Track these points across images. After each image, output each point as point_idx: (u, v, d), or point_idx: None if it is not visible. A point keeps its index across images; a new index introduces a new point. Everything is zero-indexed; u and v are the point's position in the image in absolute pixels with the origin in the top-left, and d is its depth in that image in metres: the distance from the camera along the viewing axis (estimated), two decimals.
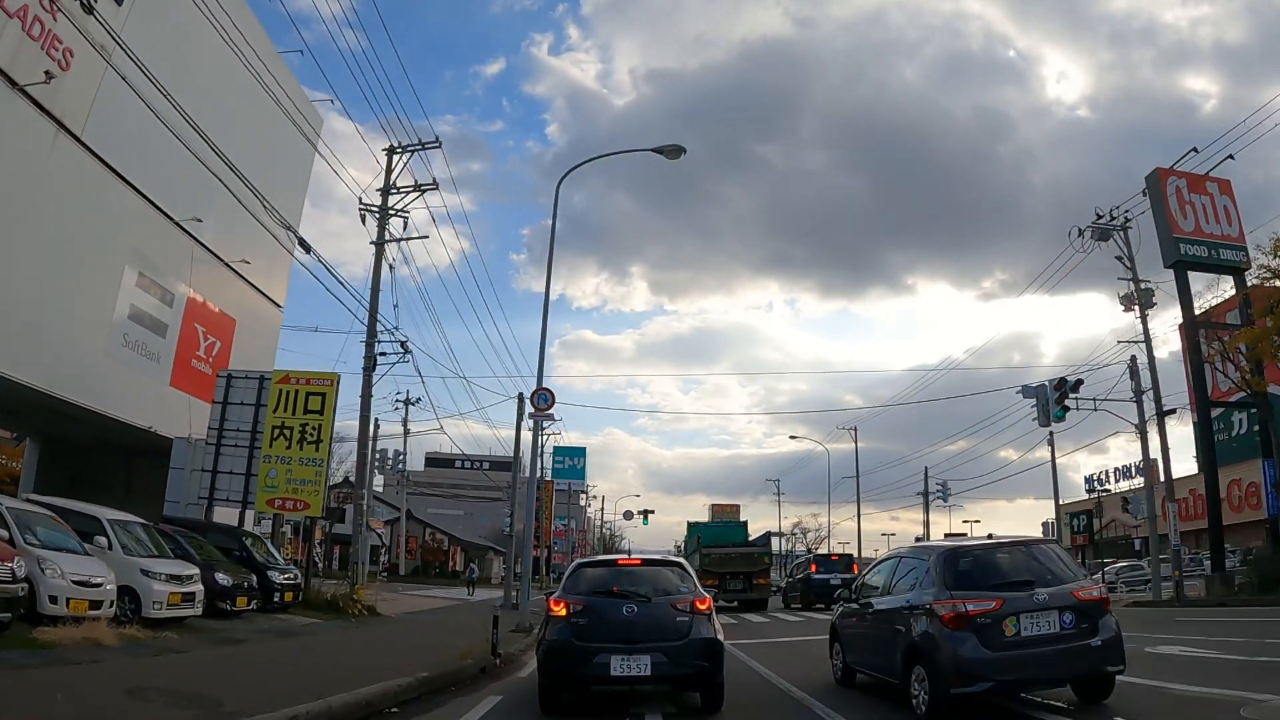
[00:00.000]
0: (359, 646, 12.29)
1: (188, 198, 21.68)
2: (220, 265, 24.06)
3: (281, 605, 16.40)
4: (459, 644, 11.83)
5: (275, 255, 25.47)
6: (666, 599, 6.99)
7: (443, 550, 49.11)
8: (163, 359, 22.22)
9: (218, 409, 19.91)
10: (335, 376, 19.15)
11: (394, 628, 16.01)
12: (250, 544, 17.32)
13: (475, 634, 14.42)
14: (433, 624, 17.08)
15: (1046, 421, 20.73)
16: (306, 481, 18.62)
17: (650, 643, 6.57)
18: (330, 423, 18.83)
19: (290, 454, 18.85)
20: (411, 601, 24.81)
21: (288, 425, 19.08)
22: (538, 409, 16.74)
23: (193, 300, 23.20)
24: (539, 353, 17.10)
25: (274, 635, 13.07)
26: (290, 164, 26.59)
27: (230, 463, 19.55)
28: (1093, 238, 26.70)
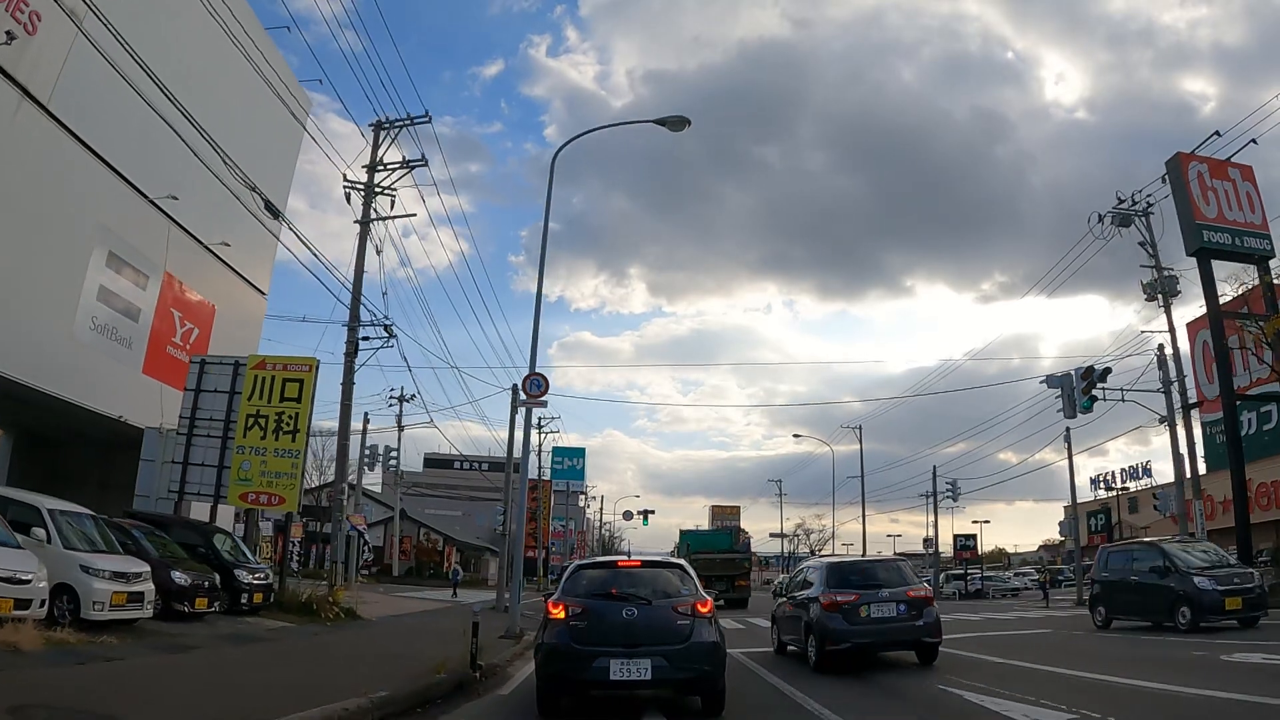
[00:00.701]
0: (321, 655, 10.85)
1: (164, 175, 20.28)
2: (199, 248, 22.64)
3: (250, 607, 14.95)
4: (437, 653, 10.40)
5: (259, 240, 24.08)
6: (667, 601, 6.80)
7: (437, 551, 47.60)
8: (135, 345, 20.78)
9: (190, 397, 18.50)
10: (314, 362, 17.73)
11: (370, 633, 14.55)
12: (218, 540, 15.88)
13: (459, 641, 13.06)
14: (414, 629, 15.62)
15: (1073, 413, 19.32)
16: (282, 474, 17.19)
17: (651, 646, 6.37)
18: (308, 411, 17.41)
19: (265, 444, 17.43)
20: (397, 604, 23.33)
21: (263, 414, 17.66)
22: (530, 395, 15.34)
23: (169, 284, 21.76)
24: (532, 333, 15.71)
25: (231, 641, 11.62)
26: (277, 145, 25.23)
27: (202, 454, 18.12)
28: (1113, 224, 25.34)
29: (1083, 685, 8.22)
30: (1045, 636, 14.46)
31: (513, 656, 11.42)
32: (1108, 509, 30.46)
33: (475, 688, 8.59)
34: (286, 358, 18.09)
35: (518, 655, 11.66)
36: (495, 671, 9.76)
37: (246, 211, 19.19)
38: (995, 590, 38.25)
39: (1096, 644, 13.07)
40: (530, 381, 15.34)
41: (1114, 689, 7.93)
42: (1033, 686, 7.96)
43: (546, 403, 15.38)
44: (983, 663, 10.33)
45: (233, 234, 23.25)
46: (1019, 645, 12.57)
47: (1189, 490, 22.54)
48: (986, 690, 7.81)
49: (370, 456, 32.53)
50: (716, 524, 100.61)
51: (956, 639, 13.69)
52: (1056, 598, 31.14)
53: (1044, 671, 9.32)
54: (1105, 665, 9.60)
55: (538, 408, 15.52)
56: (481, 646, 10.46)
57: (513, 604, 14.79)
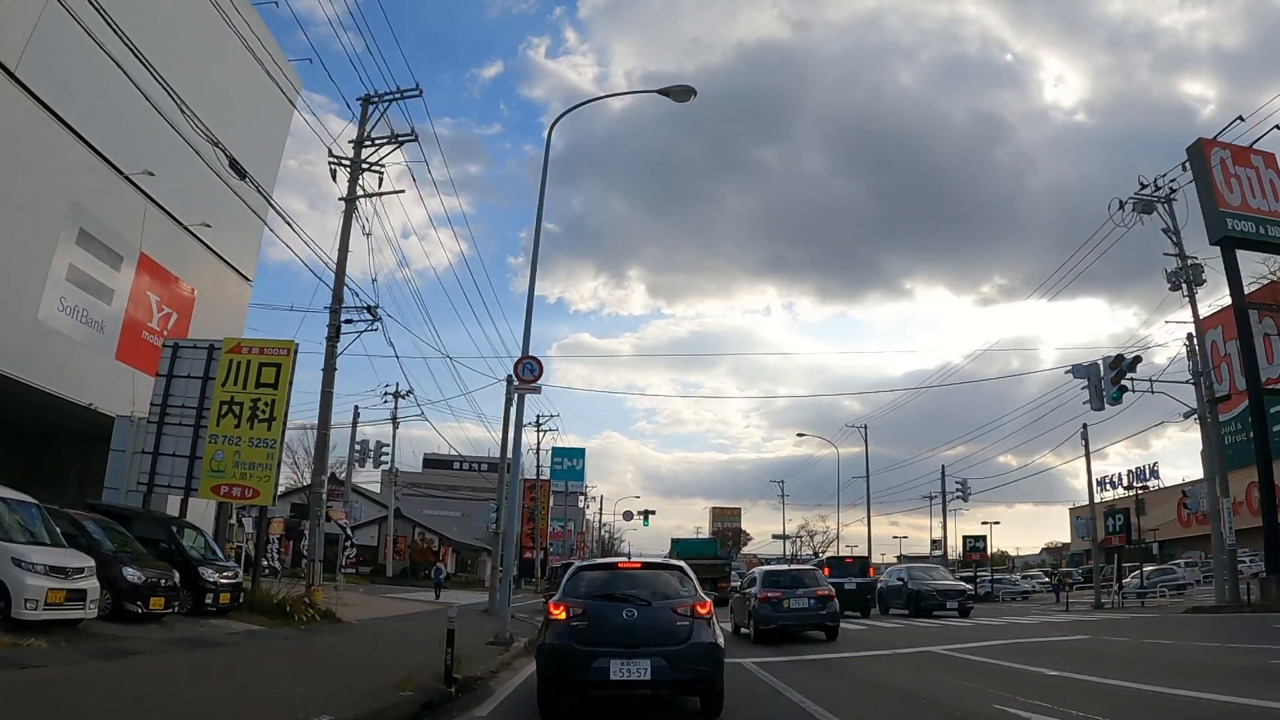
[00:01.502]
0: (276, 664, 9.51)
1: (141, 151, 19.03)
2: (178, 230, 21.37)
3: (217, 609, 13.60)
4: (412, 662, 9.09)
5: (244, 224, 22.80)
6: (667, 603, 6.76)
7: (432, 551, 46.18)
8: (107, 328, 19.47)
9: (161, 383, 17.18)
10: (292, 345, 16.40)
11: (344, 638, 13.21)
12: (185, 536, 14.54)
13: (441, 648, 11.81)
14: (395, 633, 14.27)
15: (1100, 405, 18.00)
16: (257, 465, 15.84)
17: (650, 647, 6.35)
18: (285, 398, 16.07)
19: (239, 433, 16.09)
20: (383, 606, 21.95)
21: (238, 400, 16.32)
22: (522, 380, 14.01)
23: (145, 265, 20.46)
24: (526, 311, 14.40)
25: (181, 646, 10.28)
26: (265, 125, 24.01)
27: (174, 444, 16.76)
28: (1134, 210, 24.05)
29: (1165, 703, 6.91)
30: (1084, 643, 13.12)
31: (499, 667, 10.08)
32: (1126, 509, 29.10)
33: (447, 707, 7.24)
34: (263, 341, 16.77)
35: (505, 665, 10.32)
36: (474, 686, 8.41)
37: (231, 192, 17.99)
38: (1005, 593, 36.97)
39: (1144, 650, 11.72)
40: (523, 366, 14.01)
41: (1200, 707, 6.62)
42: (1103, 704, 6.65)
43: (540, 389, 14.08)
44: (1031, 674, 9.03)
45: (216, 217, 21.99)
46: (1060, 652, 11.23)
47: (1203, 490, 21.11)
48: (1052, 711, 6.50)
49: (361, 452, 31.22)
50: (717, 525, 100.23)
51: (989, 647, 12.37)
52: (1069, 600, 29.83)
53: (1110, 686, 8.00)
54: (1178, 677, 8.28)
55: (531, 394, 14.20)
56: (463, 656, 9.13)
57: (501, 607, 13.45)
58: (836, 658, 11.40)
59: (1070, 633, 15.17)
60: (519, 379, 14.03)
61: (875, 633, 16.35)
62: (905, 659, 11.23)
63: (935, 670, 9.67)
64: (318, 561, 15.80)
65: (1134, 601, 27.90)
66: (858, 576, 22.40)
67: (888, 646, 12.83)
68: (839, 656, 11.50)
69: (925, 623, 19.29)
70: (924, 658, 11.38)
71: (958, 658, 10.89)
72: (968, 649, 12.10)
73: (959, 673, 9.18)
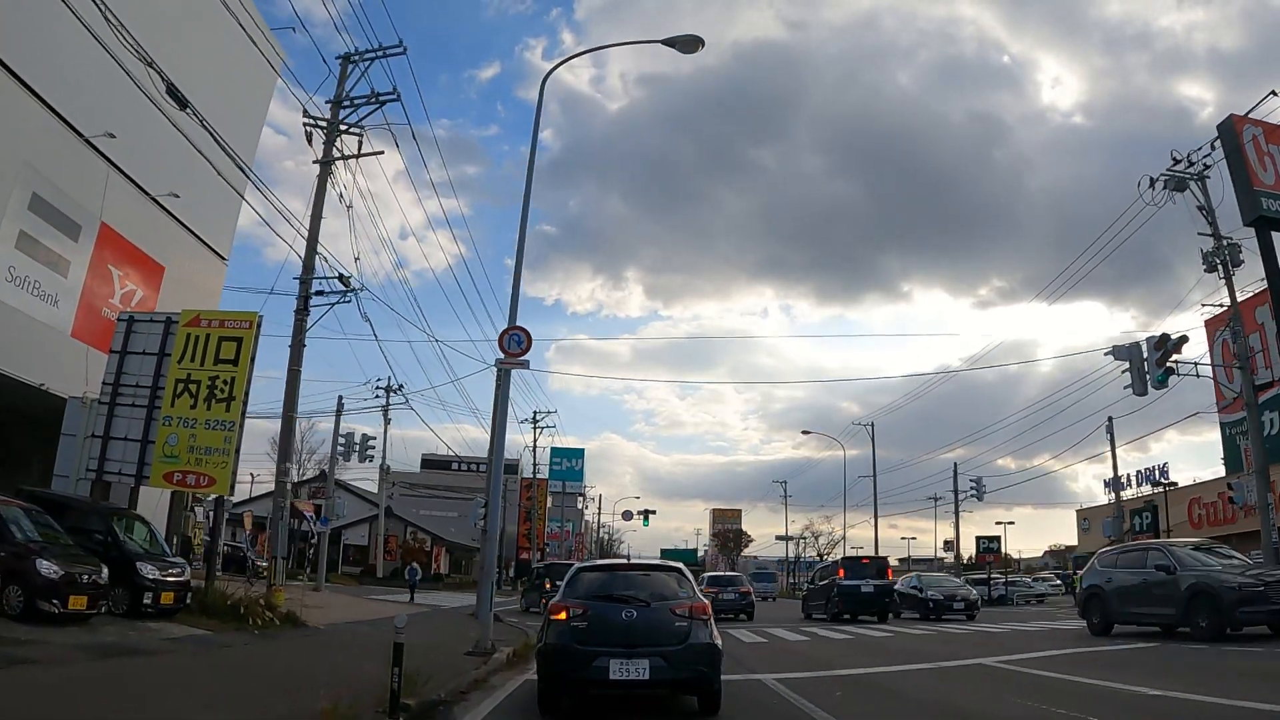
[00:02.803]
0: (193, 681, 7.69)
1: (105, 112, 17.31)
2: (145, 200, 19.59)
3: (158, 609, 11.76)
4: (362, 677, 7.30)
5: (219, 198, 20.98)
6: (665, 604, 6.77)
7: (424, 551, 44.21)
8: (63, 303, 17.67)
9: (114, 360, 15.39)
10: (255, 317, 14.63)
11: (295, 646, 11.36)
12: (129, 528, 12.74)
13: (412, 658, 10.03)
14: (359, 641, 12.42)
15: (1143, 389, 16.23)
16: (213, 450, 14.04)
17: (649, 647, 6.36)
18: (246, 375, 14.29)
19: (195, 414, 14.30)
20: (360, 608, 20.06)
21: (194, 378, 14.53)
22: (508, 354, 12.22)
23: (107, 236, 18.67)
24: (514, 275, 12.64)
25: (92, 655, 8.46)
26: (246, 94, 22.31)
27: (126, 426, 14.98)
28: (1165, 188, 22.25)
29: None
30: (1151, 651, 11.26)
31: (471, 685, 8.24)
32: (1154, 506, 27.32)
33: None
34: (224, 313, 15.04)
35: (479, 683, 8.48)
36: (431, 715, 6.58)
37: (205, 162, 16.21)
38: (1020, 596, 35.17)
39: (1225, 659, 9.89)
40: (509, 337, 12.22)
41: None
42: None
43: (529, 363, 12.27)
44: (1131, 695, 7.20)
45: (189, 190, 20.22)
46: (1136, 664, 9.39)
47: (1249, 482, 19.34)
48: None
49: (346, 445, 29.37)
50: (718, 527, 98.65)
51: (1047, 658, 10.45)
52: None
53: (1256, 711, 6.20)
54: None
55: (519, 369, 12.39)
56: (431, 671, 7.38)
57: (482, 612, 11.60)
58: (875, 673, 9.58)
59: (1121, 639, 13.31)
60: (505, 353, 12.24)
61: (903, 640, 14.50)
62: (955, 675, 9.41)
63: (1006, 691, 7.83)
64: (280, 558, 13.97)
65: None
66: (875, 579, 20.57)
67: (927, 658, 10.98)
68: (877, 671, 9.68)
69: (955, 628, 17.39)
70: (976, 672, 9.56)
71: (1022, 674, 9.07)
72: (1024, 661, 10.27)
73: (1040, 695, 7.34)
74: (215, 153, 13.88)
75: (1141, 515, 27.67)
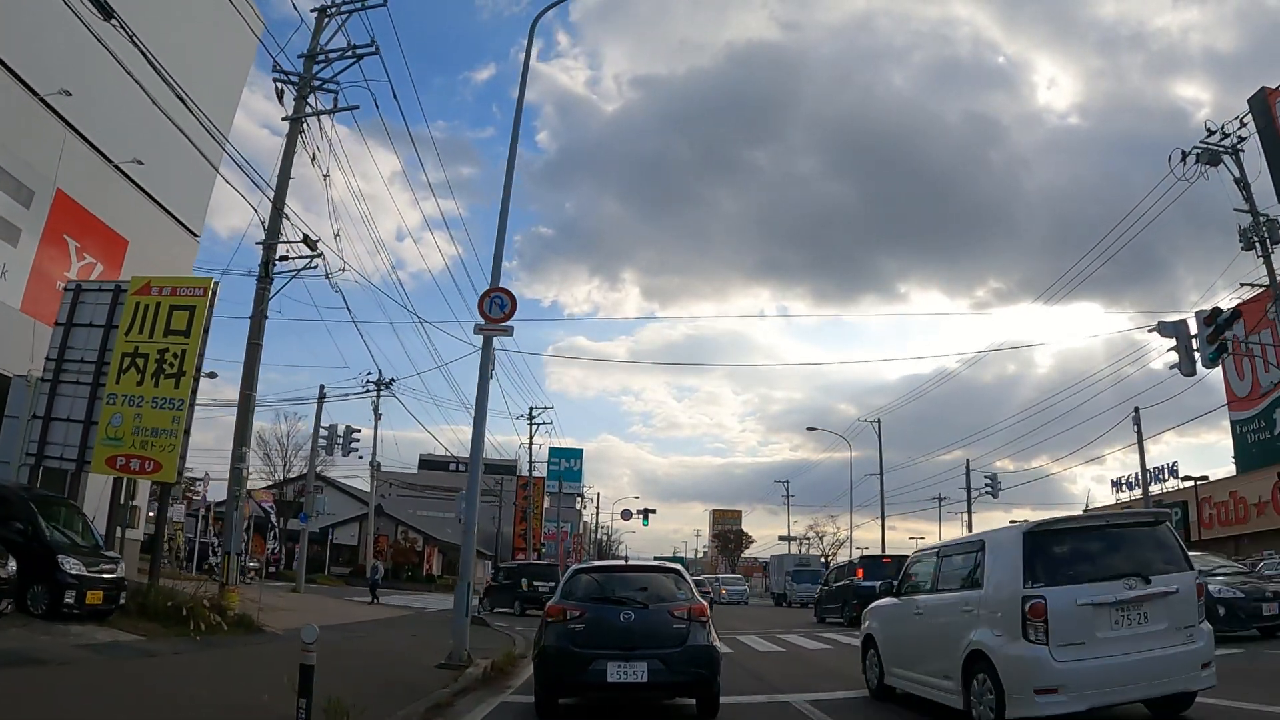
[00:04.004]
0: (62, 708, 5.97)
1: (61, 69, 15.69)
2: (106, 168, 17.93)
3: (82, 610, 10.05)
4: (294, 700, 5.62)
5: (192, 171, 19.31)
6: (663, 606, 6.66)
7: (416, 551, 42.37)
8: (11, 274, 15.95)
9: (59, 333, 13.76)
10: (209, 283, 13.01)
11: (236, 657, 9.63)
12: (57, 517, 11.03)
13: (378, 672, 8.40)
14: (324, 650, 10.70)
15: (1191, 369, 14.53)
16: (160, 431, 12.36)
17: (647, 649, 6.26)
18: (198, 348, 12.61)
19: (142, 392, 12.63)
20: (332, 611, 18.31)
21: (142, 351, 12.88)
22: (490, 319, 10.54)
23: (62, 204, 16.98)
24: (499, 230, 10.97)
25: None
26: (221, 59, 20.67)
27: (69, 406, 13.34)
28: (1198, 162, 20.66)
29: None
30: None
31: (430, 710, 6.52)
32: (1183, 503, 25.60)
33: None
34: (177, 279, 13.44)
35: (441, 708, 6.76)
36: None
37: (174, 128, 14.60)
38: None
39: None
40: (490, 300, 10.55)
41: None
42: None
43: (512, 329, 10.57)
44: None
45: (157, 159, 18.56)
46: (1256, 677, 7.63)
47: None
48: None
49: (329, 438, 27.60)
50: (718, 528, 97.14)
51: None
52: None
53: None
54: None
55: (503, 336, 10.70)
56: (368, 700, 5.69)
57: (457, 618, 9.87)
58: None
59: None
60: (486, 318, 10.55)
61: None
62: None
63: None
64: (234, 554, 12.24)
65: None
66: (895, 579, 18.78)
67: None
68: None
69: None
70: None
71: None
72: None
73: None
74: (186, 119, 12.36)
75: (1171, 511, 25.92)
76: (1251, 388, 43.46)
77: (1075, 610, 5.31)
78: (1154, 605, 5.43)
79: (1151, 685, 5.38)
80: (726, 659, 11.03)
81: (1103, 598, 5.37)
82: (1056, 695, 5.13)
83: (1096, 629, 5.32)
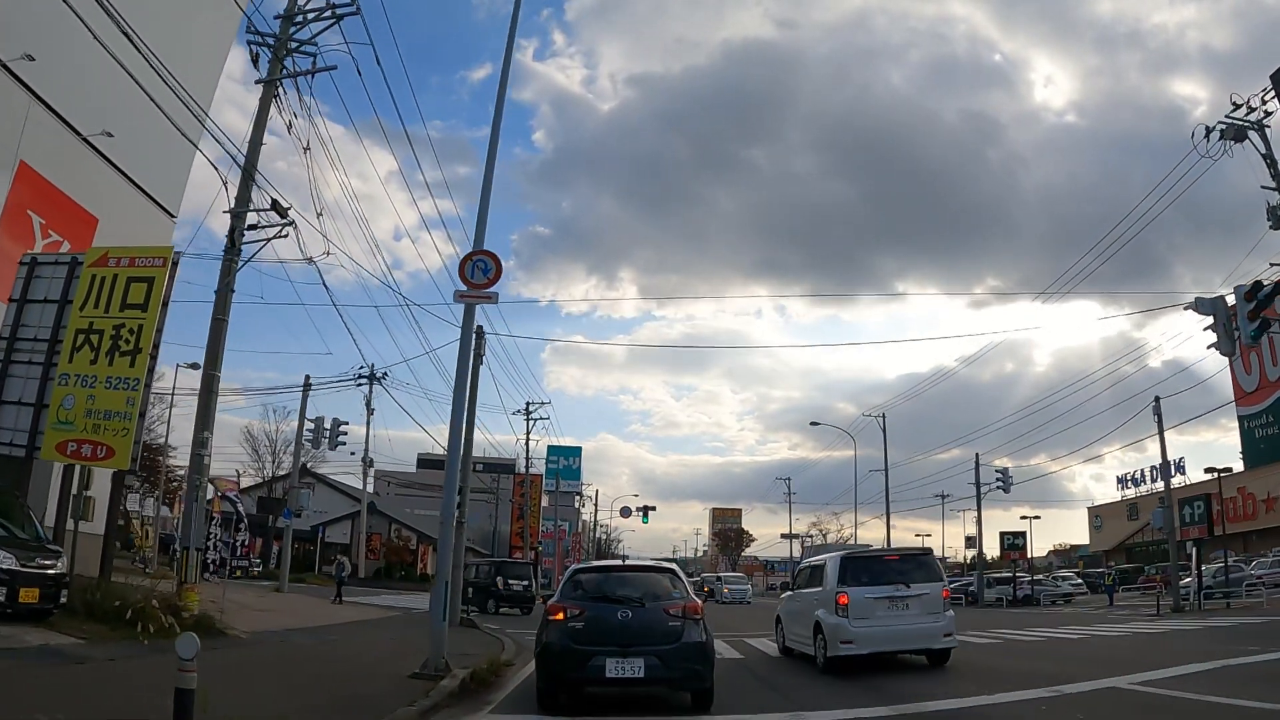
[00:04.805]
0: None
1: (24, 32, 14.55)
2: (75, 141, 16.72)
3: (15, 609, 8.88)
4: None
5: (169, 147, 18.14)
6: (659, 604, 6.83)
7: (409, 550, 41.10)
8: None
9: (13, 310, 12.60)
10: (169, 252, 11.86)
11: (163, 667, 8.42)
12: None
13: (344, 681, 7.28)
14: (276, 658, 9.52)
15: (1231, 348, 13.42)
16: (114, 414, 11.18)
17: (644, 646, 6.46)
18: (155, 323, 11.44)
19: (96, 371, 11.46)
20: (310, 612, 17.08)
21: (97, 327, 11.72)
22: (471, 285, 9.37)
23: (26, 177, 15.77)
24: (483, 187, 9.81)
25: None
26: (200, 30, 19.53)
27: (21, 387, 12.17)
28: (1223, 138, 19.61)
29: None
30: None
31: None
32: (1206, 497, 24.45)
33: None
34: (136, 249, 12.22)
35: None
36: None
37: (147, 99, 13.46)
38: (1046, 596, 32.21)
39: None
40: (472, 264, 9.37)
41: None
42: None
43: (496, 296, 9.39)
44: None
45: (132, 134, 17.40)
46: None
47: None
48: None
49: (315, 431, 26.32)
50: (718, 526, 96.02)
51: (1191, 675, 7.51)
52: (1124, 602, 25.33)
53: None
54: None
55: (486, 303, 9.53)
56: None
57: (434, 621, 8.67)
58: (984, 705, 6.71)
59: (1241, 640, 10.48)
60: (467, 283, 9.38)
61: (971, 653, 11.60)
62: (1083, 702, 6.53)
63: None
64: (194, 549, 11.05)
65: (1217, 602, 23.03)
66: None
67: (1036, 681, 7.99)
68: (985, 704, 6.81)
69: (1020, 635, 14.32)
70: (1109, 698, 6.68)
71: (1187, 700, 6.19)
72: (1164, 681, 7.39)
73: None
74: (162, 91, 11.25)
75: (1193, 505, 24.71)
76: (1259, 382, 42.31)
77: (865, 600, 9.25)
78: (912, 600, 9.31)
79: (906, 643, 9.33)
80: (736, 665, 9.87)
81: (880, 594, 9.31)
82: (852, 645, 9.06)
83: (876, 611, 9.25)
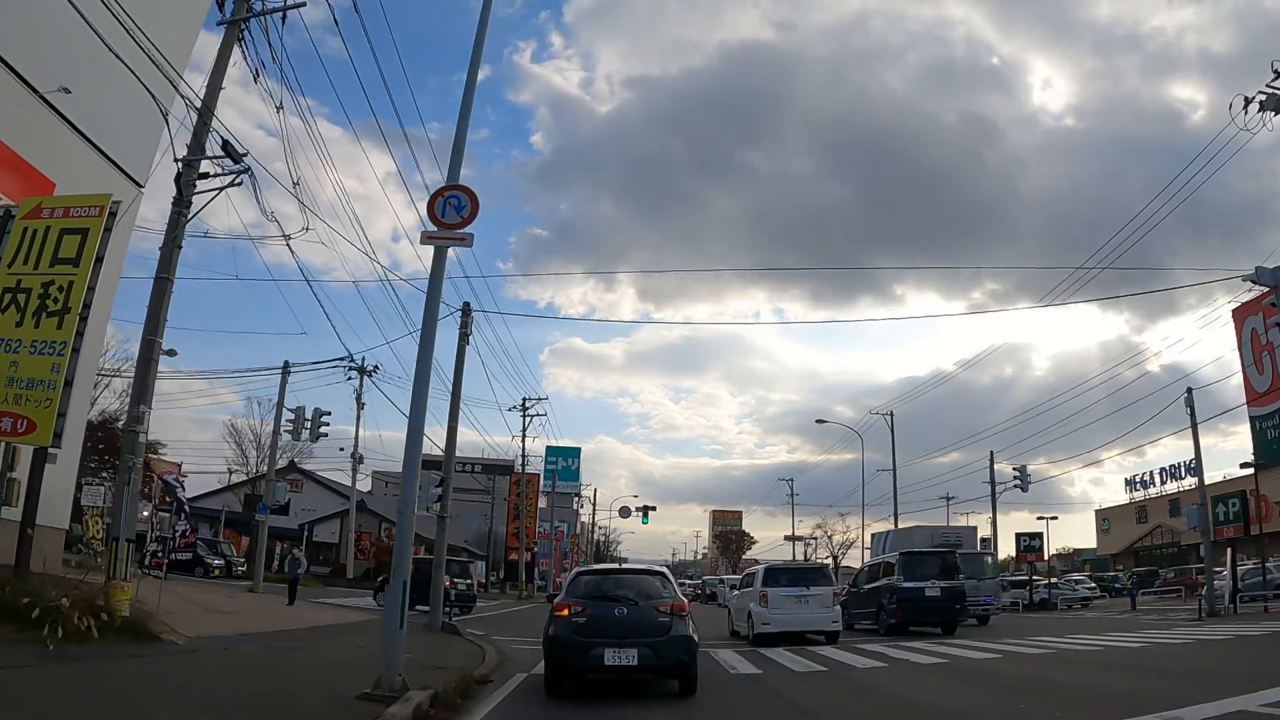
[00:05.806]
0: None
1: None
2: (30, 98, 15.20)
3: None
4: None
5: (137, 110, 16.66)
6: (651, 602, 7.75)
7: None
8: None
9: None
10: (107, 200, 10.32)
11: (80, 675, 6.89)
12: None
13: (278, 704, 5.79)
14: (203, 672, 7.94)
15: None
16: (37, 383, 9.63)
17: (637, 638, 7.36)
18: (87, 280, 9.90)
19: (20, 334, 9.92)
20: (274, 615, 15.45)
21: (25, 285, 10.18)
22: (442, 224, 7.86)
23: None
24: (461, 102, 8.34)
25: None
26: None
27: None
28: (1262, 110, 18.18)
29: None
30: None
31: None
32: (1242, 494, 22.96)
33: None
34: (71, 198, 10.73)
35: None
36: None
37: (111, 54, 12.00)
38: (1064, 600, 30.61)
39: None
40: (444, 202, 7.86)
41: None
42: None
43: (471, 238, 7.86)
44: None
45: (96, 95, 15.91)
46: None
47: None
48: None
49: (296, 420, 24.76)
50: (718, 528, 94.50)
51: None
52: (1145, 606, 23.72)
53: None
54: None
55: (459, 246, 8.00)
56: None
57: (388, 631, 7.09)
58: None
59: None
60: (437, 223, 7.86)
61: (1021, 664, 9.94)
62: None
63: None
64: (125, 541, 9.48)
65: (1252, 605, 21.45)
66: (942, 579, 15.79)
67: (1137, 706, 6.37)
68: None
69: (1068, 644, 12.62)
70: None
71: None
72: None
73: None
74: (129, 47, 9.86)
75: (1228, 502, 23.15)
76: (1272, 382, 40.79)
77: (780, 598, 14.23)
78: (811, 598, 14.24)
79: (806, 625, 14.14)
80: (754, 682, 8.47)
81: (790, 593, 14.27)
82: (769, 626, 13.97)
83: (786, 605, 14.19)
